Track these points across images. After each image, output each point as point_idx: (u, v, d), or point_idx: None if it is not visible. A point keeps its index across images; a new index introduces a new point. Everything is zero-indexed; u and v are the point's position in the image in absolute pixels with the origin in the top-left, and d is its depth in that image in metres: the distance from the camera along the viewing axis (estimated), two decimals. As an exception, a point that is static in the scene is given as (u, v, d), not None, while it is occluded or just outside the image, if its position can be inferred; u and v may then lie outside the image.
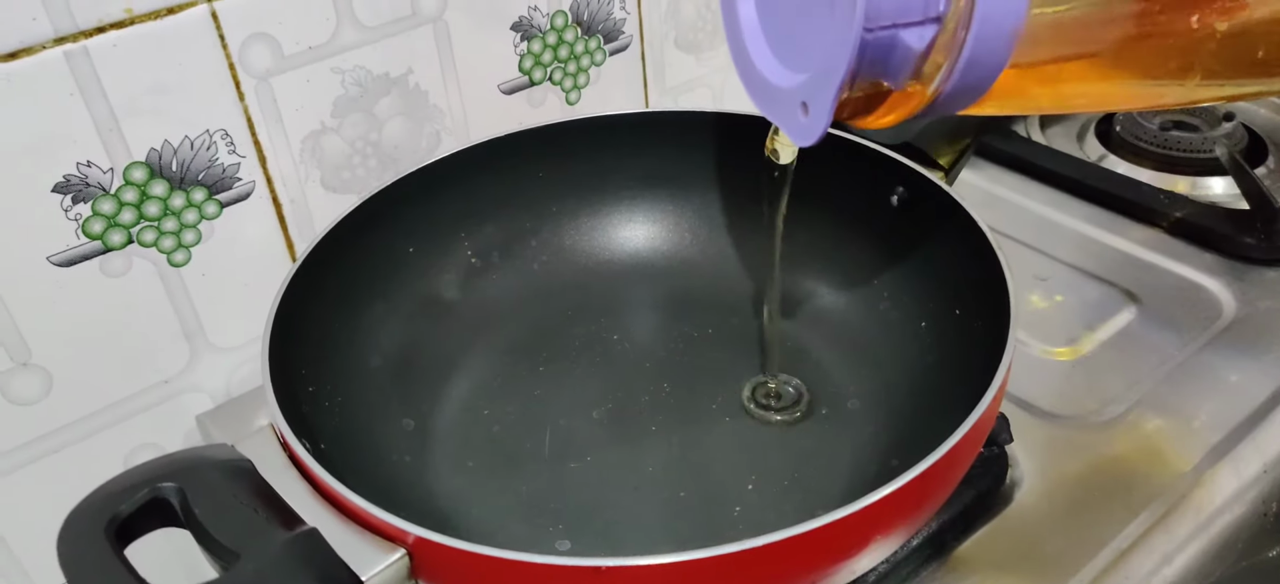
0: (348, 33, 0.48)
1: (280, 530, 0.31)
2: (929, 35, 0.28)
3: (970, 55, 0.28)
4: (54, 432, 0.47)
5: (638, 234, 0.53)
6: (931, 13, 0.28)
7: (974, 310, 0.42)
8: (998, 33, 0.28)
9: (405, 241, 0.49)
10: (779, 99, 0.33)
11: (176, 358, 0.49)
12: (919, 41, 0.29)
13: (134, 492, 0.32)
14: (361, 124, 0.51)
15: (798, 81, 0.32)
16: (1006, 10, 0.28)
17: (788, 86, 0.33)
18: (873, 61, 0.29)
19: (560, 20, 0.55)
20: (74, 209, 0.43)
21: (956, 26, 0.28)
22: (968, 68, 0.29)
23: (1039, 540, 0.41)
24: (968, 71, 0.29)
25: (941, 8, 0.28)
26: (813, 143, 0.31)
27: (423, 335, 0.48)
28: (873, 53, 0.28)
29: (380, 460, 0.42)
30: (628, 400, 0.46)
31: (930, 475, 0.32)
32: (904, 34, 0.28)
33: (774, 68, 0.34)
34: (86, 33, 0.41)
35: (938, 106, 0.31)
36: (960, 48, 0.28)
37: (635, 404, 0.46)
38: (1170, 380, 0.48)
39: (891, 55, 0.29)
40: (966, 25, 0.28)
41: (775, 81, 0.33)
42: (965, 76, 0.29)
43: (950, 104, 0.31)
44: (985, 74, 0.30)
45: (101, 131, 0.43)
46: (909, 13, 0.28)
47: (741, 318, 0.50)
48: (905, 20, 0.28)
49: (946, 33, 0.28)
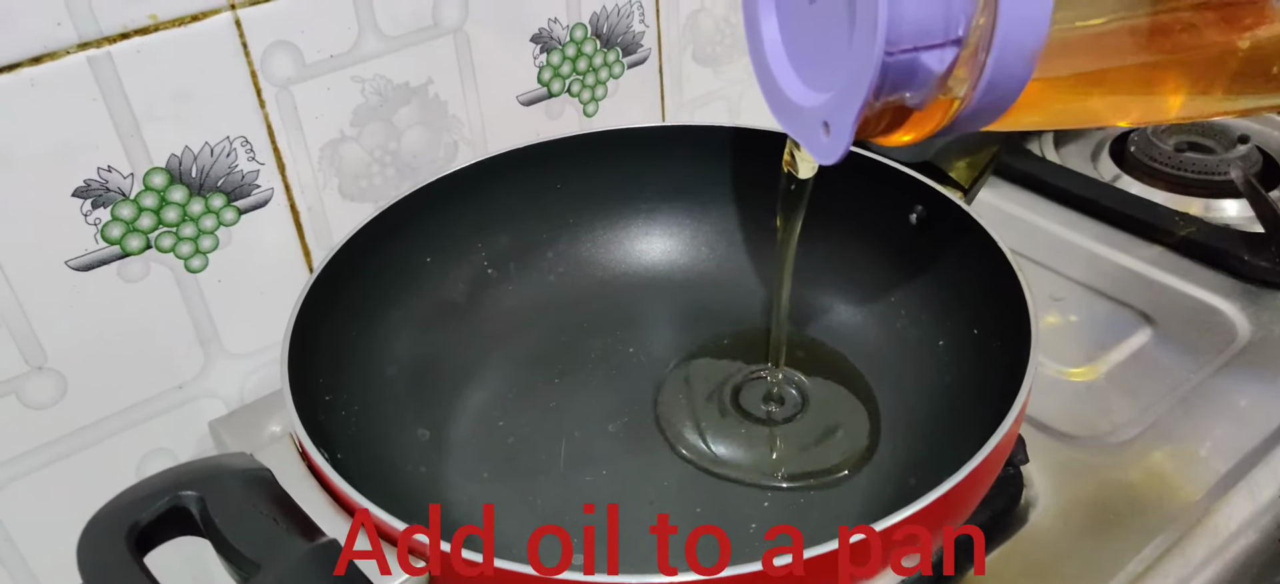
0: (369, 42, 0.48)
1: (300, 541, 0.31)
2: (950, 57, 0.29)
3: (991, 76, 0.29)
4: (67, 436, 0.47)
5: (655, 247, 0.53)
6: (952, 35, 0.28)
7: (992, 330, 0.42)
8: (1018, 53, 0.28)
9: (422, 251, 0.49)
10: (801, 117, 0.33)
11: (191, 364, 0.49)
12: (939, 64, 0.29)
13: (154, 499, 0.32)
14: (380, 133, 0.51)
15: (819, 101, 0.32)
16: (1027, 32, 0.28)
17: (810, 105, 0.33)
18: (894, 83, 0.29)
19: (580, 33, 0.55)
20: (93, 214, 0.43)
21: (977, 48, 0.28)
22: (989, 88, 0.29)
23: (1054, 563, 0.41)
24: (989, 91, 0.29)
25: (961, 31, 0.28)
26: (834, 162, 0.31)
27: (439, 345, 0.48)
28: (894, 75, 0.28)
29: (395, 470, 0.42)
30: (644, 413, 0.46)
31: (953, 495, 0.32)
32: (925, 56, 0.28)
33: (796, 86, 0.34)
34: (110, 38, 0.41)
35: (958, 125, 0.31)
36: (981, 69, 0.29)
37: (651, 417, 0.46)
38: (1185, 404, 0.48)
39: (912, 77, 0.29)
40: (987, 47, 0.28)
41: (797, 100, 0.33)
42: (986, 96, 0.29)
43: (971, 122, 0.31)
44: (1006, 93, 0.30)
45: (123, 137, 0.43)
46: (930, 36, 0.28)
47: (759, 333, 0.50)
48: (926, 43, 0.28)
49: (967, 53, 0.28)
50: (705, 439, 0.44)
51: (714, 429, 0.45)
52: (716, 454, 0.44)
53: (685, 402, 0.46)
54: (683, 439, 0.44)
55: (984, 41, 0.28)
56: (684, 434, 0.44)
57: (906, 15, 0.27)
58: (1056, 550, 0.42)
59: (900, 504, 0.31)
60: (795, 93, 0.34)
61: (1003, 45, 0.28)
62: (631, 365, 0.49)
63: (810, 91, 0.33)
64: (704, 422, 0.45)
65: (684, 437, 0.44)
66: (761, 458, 0.44)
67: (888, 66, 0.28)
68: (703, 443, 0.44)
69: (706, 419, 0.45)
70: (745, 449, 0.44)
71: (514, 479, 0.43)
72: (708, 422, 0.45)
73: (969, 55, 0.28)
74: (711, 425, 0.45)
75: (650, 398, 0.47)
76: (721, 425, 0.45)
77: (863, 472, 0.43)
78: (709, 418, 0.46)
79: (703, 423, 0.45)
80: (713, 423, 0.45)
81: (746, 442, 0.45)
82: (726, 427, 0.45)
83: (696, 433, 0.45)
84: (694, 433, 0.45)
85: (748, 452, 0.44)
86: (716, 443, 0.44)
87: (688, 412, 0.46)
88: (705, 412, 0.46)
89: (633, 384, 0.48)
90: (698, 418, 0.45)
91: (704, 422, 0.45)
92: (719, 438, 0.45)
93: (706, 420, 0.45)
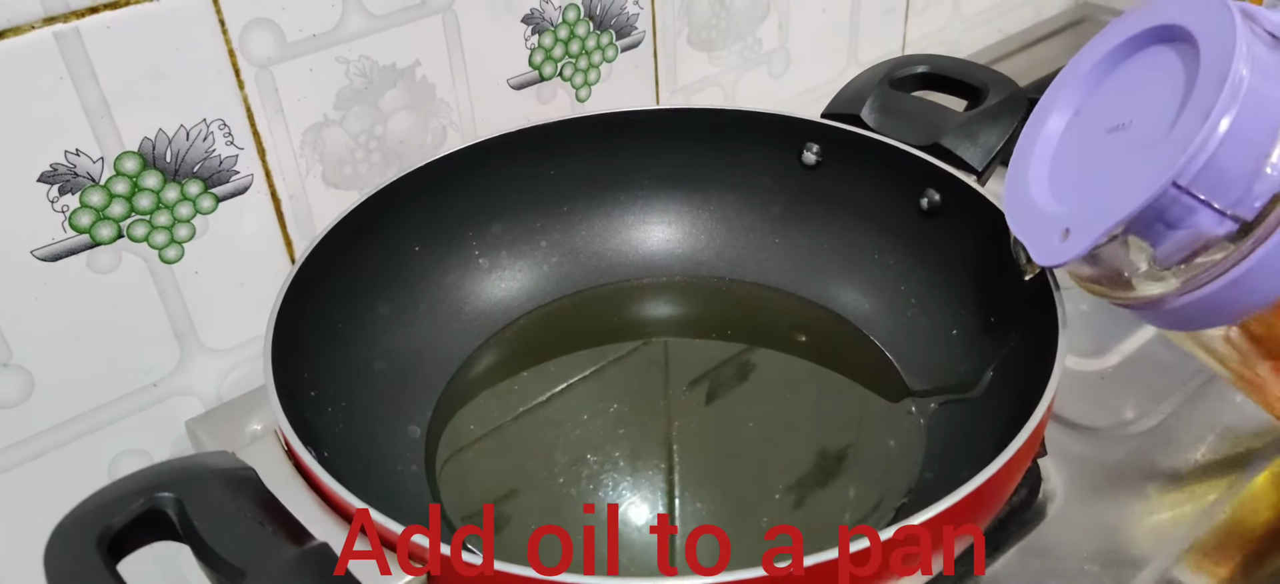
0: (354, 21, 0.46)
1: (288, 545, 0.29)
2: (1225, 228, 0.29)
3: (1242, 273, 0.29)
4: (34, 436, 0.45)
5: (652, 235, 0.51)
6: (1240, 212, 0.29)
7: (1012, 319, 0.40)
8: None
9: (410, 241, 0.47)
10: (1038, 220, 0.35)
11: (166, 359, 0.47)
12: (1213, 226, 0.29)
13: (128, 502, 0.30)
14: (366, 117, 0.48)
15: (1064, 210, 0.34)
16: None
17: (1053, 211, 0.34)
18: (1156, 221, 0.29)
19: (572, 14, 0.53)
20: (61, 200, 0.41)
21: (1253, 239, 0.29)
22: (1233, 283, 0.29)
23: (1077, 558, 0.40)
24: (1230, 288, 0.30)
25: (1250, 214, 0.28)
26: (1056, 265, 0.33)
27: (428, 338, 0.46)
28: (1164, 211, 0.29)
29: (385, 468, 0.41)
30: (643, 404, 0.44)
31: (981, 494, 0.30)
32: (1204, 212, 0.29)
33: (1044, 191, 0.36)
34: (78, 12, 0.39)
35: (1163, 310, 0.32)
36: (1240, 259, 0.29)
37: (651, 408, 0.44)
38: (1202, 392, 0.47)
39: (1176, 224, 0.29)
40: (1263, 240, 0.29)
41: (1042, 203, 0.35)
42: (1225, 292, 0.30)
43: (1177, 315, 0.32)
44: (1243, 302, 0.30)
45: (92, 118, 0.40)
46: (1222, 196, 0.28)
47: (760, 321, 0.48)
48: (1215, 202, 0.29)
49: (1240, 236, 0.29)
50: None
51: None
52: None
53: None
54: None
55: (1262, 236, 0.28)
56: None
57: (1216, 162, 0.28)
58: (1078, 546, 0.40)
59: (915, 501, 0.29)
60: (1041, 195, 0.36)
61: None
62: (629, 356, 0.47)
63: (1056, 200, 0.35)
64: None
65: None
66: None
67: (1168, 197, 0.28)
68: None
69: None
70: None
71: (509, 476, 0.41)
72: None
73: (1239, 239, 0.29)
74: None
75: (650, 390, 0.45)
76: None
77: (874, 465, 0.41)
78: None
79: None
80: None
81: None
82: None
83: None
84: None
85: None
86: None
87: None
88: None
89: (630, 375, 0.46)
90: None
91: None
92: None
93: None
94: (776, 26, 0.64)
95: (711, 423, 0.43)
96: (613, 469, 0.41)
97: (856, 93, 0.48)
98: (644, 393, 0.45)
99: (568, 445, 0.43)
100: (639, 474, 0.41)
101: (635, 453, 0.42)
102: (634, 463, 0.42)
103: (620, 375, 0.46)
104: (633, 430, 0.43)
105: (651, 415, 0.44)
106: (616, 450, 0.42)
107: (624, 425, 0.43)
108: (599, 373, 0.47)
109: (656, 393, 0.45)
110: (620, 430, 0.43)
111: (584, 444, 0.43)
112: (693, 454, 0.42)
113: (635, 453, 0.42)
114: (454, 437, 0.43)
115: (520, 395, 0.45)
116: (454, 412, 0.44)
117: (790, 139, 0.49)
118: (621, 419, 0.44)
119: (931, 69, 0.50)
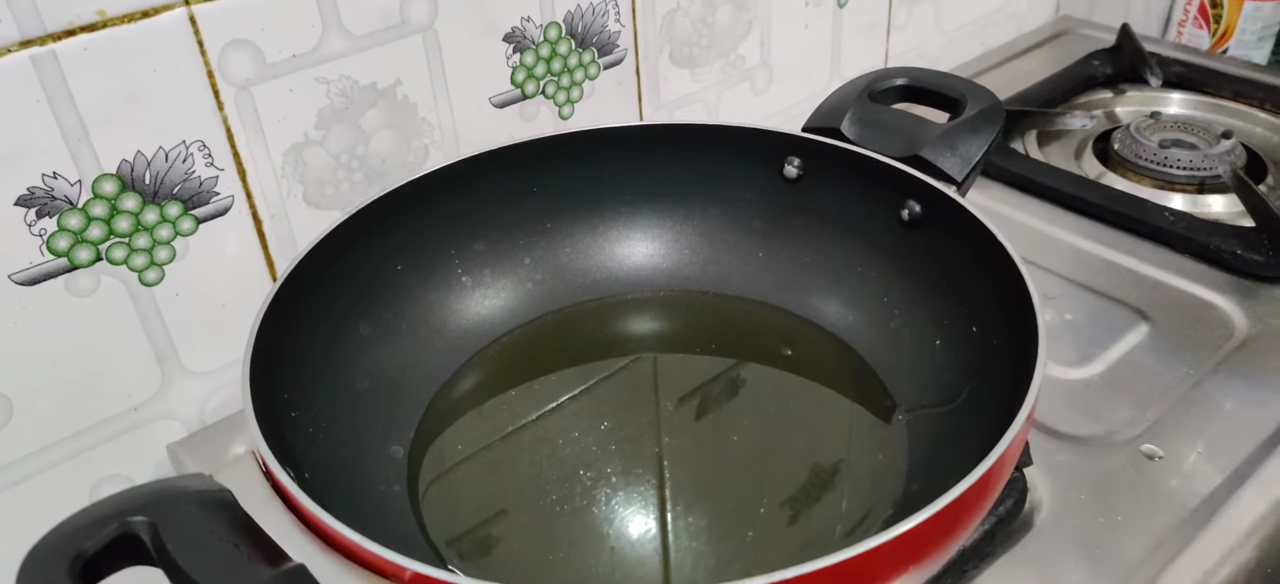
0: (334, 41, 0.46)
1: (264, 567, 0.29)
2: None
3: None
4: (13, 463, 0.44)
5: (636, 251, 0.51)
6: None
7: (993, 328, 0.40)
8: None
9: (392, 259, 0.46)
10: None
11: (147, 383, 0.47)
12: None
13: (101, 526, 0.29)
14: (347, 137, 0.48)
15: None
16: None
17: None
18: None
19: (554, 32, 0.53)
20: (38, 224, 0.41)
21: None
22: None
23: (1064, 569, 0.40)
24: None
25: None
26: None
27: (411, 358, 0.46)
28: None
29: (367, 490, 0.40)
30: (628, 421, 0.44)
31: (960, 504, 0.30)
32: None
33: None
34: (55, 35, 0.39)
35: None
36: None
37: (636, 425, 0.44)
38: (1187, 400, 0.47)
39: None
40: None
41: None
42: None
43: None
44: None
45: (69, 141, 0.40)
46: None
47: (744, 335, 0.48)
48: None
49: None
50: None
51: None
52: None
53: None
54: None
55: None
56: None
57: None
58: (1066, 556, 0.40)
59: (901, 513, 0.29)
60: None
61: None
62: (614, 373, 0.47)
63: None
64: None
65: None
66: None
67: None
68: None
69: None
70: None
71: (493, 497, 0.41)
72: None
73: None
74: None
75: (639, 406, 0.45)
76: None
77: (862, 478, 0.41)
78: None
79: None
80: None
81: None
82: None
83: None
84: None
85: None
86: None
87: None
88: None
89: (615, 392, 0.46)
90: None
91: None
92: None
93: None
94: (758, 43, 0.65)
95: (699, 437, 0.43)
96: (597, 483, 0.41)
97: (836, 106, 0.48)
98: (633, 409, 0.45)
99: (552, 460, 0.42)
100: (625, 486, 0.41)
101: (621, 465, 0.42)
102: (619, 476, 0.41)
103: (609, 392, 0.46)
104: (618, 443, 0.43)
105: (636, 428, 0.44)
106: (602, 464, 0.42)
107: (609, 439, 0.43)
108: (588, 391, 0.46)
109: (646, 409, 0.45)
110: (605, 444, 0.43)
111: (567, 459, 0.42)
112: (680, 468, 0.42)
113: (621, 465, 0.42)
114: (438, 457, 0.43)
115: (505, 414, 0.45)
116: (438, 432, 0.44)
117: (771, 153, 0.49)
118: (606, 433, 0.43)
119: (911, 81, 0.50)
